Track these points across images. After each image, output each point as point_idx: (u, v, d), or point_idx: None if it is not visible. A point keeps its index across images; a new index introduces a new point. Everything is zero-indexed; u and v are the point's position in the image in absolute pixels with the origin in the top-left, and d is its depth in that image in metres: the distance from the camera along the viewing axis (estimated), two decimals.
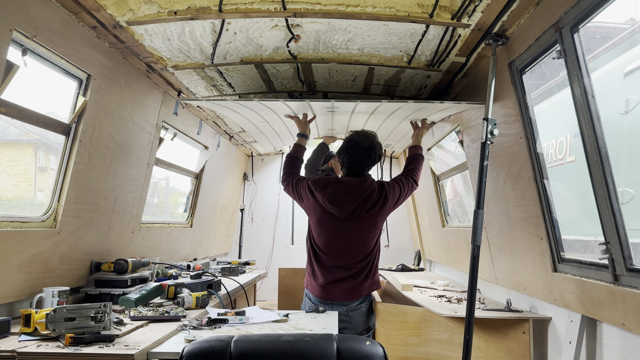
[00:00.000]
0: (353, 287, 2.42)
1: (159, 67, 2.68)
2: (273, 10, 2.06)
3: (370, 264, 2.49)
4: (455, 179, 4.18)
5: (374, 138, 2.48)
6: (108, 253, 2.78)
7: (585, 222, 2.54)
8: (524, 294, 2.65)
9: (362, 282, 2.44)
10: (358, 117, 3.36)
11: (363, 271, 2.45)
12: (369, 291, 2.49)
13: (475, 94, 2.72)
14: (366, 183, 2.43)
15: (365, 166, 2.45)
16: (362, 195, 2.38)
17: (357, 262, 2.44)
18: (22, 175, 3.69)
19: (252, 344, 1.29)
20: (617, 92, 2.52)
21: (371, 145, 2.44)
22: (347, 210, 2.38)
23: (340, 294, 2.42)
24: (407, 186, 2.56)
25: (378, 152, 2.47)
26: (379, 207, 2.43)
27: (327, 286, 2.43)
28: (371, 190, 2.41)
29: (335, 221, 2.42)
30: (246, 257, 5.64)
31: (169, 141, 3.47)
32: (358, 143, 2.43)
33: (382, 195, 2.43)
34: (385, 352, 1.28)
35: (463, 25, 2.12)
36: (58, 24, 1.98)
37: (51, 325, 1.70)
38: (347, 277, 2.42)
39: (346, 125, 3.79)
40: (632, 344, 1.79)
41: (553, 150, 3.17)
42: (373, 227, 2.46)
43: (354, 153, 2.42)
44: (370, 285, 2.48)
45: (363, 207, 2.39)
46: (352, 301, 2.43)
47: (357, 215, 2.40)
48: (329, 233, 2.45)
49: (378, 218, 2.46)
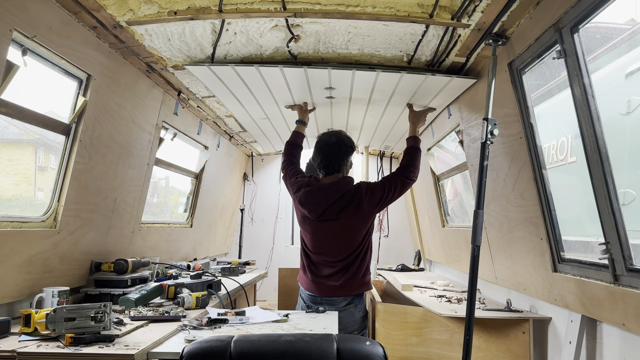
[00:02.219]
0: (339, 283, 2.45)
1: (159, 67, 2.68)
2: (273, 10, 2.06)
3: (357, 263, 2.47)
4: (455, 179, 4.18)
5: (340, 133, 2.58)
6: (108, 253, 2.78)
7: (587, 223, 2.54)
8: (524, 294, 2.65)
9: (348, 280, 2.45)
10: (356, 109, 3.36)
11: (349, 268, 2.45)
12: (358, 291, 2.48)
13: (475, 94, 2.72)
14: (339, 185, 2.45)
15: (338, 161, 2.50)
16: (332, 198, 2.41)
17: (341, 259, 2.45)
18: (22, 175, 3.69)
19: (252, 344, 1.29)
20: (618, 92, 2.52)
21: (338, 139, 2.53)
22: (316, 214, 2.44)
23: (327, 289, 2.47)
24: (395, 185, 2.50)
25: (348, 144, 2.54)
26: (352, 210, 2.42)
27: (316, 280, 2.50)
28: (343, 193, 2.42)
29: (313, 221, 2.48)
30: (246, 257, 5.64)
31: (169, 141, 3.47)
32: (326, 141, 2.53)
33: (354, 198, 2.42)
34: (385, 352, 1.28)
35: (463, 26, 2.12)
36: (58, 24, 1.98)
37: (51, 325, 1.70)
38: (332, 273, 2.46)
39: (345, 121, 3.79)
40: (632, 344, 1.79)
41: (554, 151, 3.17)
42: (349, 228, 2.45)
43: (324, 152, 2.50)
44: (360, 285, 2.48)
45: (333, 210, 2.42)
46: (339, 298, 2.45)
47: (328, 218, 2.43)
48: (311, 232, 2.53)
49: (354, 220, 2.44)
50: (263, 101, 3.18)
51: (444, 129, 3.55)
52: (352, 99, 3.11)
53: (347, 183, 2.48)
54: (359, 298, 2.52)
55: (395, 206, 5.80)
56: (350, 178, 2.54)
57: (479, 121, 2.63)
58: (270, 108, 3.36)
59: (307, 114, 3.10)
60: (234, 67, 2.52)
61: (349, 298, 2.47)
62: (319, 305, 2.44)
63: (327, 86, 2.81)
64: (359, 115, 3.57)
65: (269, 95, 3.02)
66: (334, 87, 2.84)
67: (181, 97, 3.25)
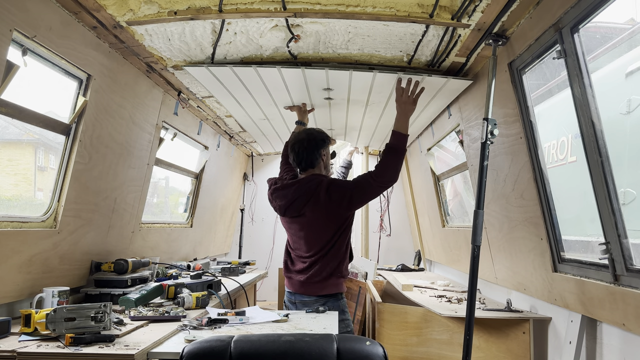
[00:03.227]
0: (304, 279, 2.47)
1: (159, 67, 2.68)
2: (273, 10, 2.06)
3: (324, 261, 2.44)
4: (455, 179, 4.18)
5: (312, 129, 2.62)
6: (108, 253, 2.78)
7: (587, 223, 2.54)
8: (524, 294, 2.65)
9: (312, 276, 2.44)
10: (355, 110, 3.36)
11: (314, 265, 2.45)
12: (327, 290, 2.45)
13: (475, 93, 2.72)
14: (302, 182, 2.46)
15: (310, 155, 2.51)
16: (294, 195, 2.45)
17: (311, 255, 2.47)
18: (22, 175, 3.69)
19: (252, 344, 1.29)
20: (619, 92, 2.52)
21: (308, 134, 2.56)
22: (281, 211, 2.53)
23: (295, 284, 2.52)
24: (361, 186, 2.40)
25: (319, 137, 2.55)
26: (312, 205, 2.40)
27: (288, 275, 2.57)
28: (305, 189, 2.43)
29: (284, 217, 2.57)
30: (246, 257, 5.64)
31: (169, 141, 3.47)
32: (296, 138, 2.57)
33: (314, 194, 2.40)
34: (385, 352, 1.28)
35: (463, 26, 2.12)
36: (58, 24, 1.98)
37: (51, 325, 1.70)
38: (302, 269, 2.50)
39: (344, 124, 3.80)
40: (632, 344, 1.79)
41: (554, 151, 3.16)
42: (314, 224, 2.44)
43: (295, 149, 2.54)
44: (322, 286, 2.44)
45: (296, 207, 2.45)
46: (310, 299, 2.45)
47: (294, 214, 2.48)
48: (287, 227, 2.61)
49: (317, 216, 2.41)
50: (262, 102, 3.18)
51: (444, 129, 3.55)
52: (351, 101, 3.12)
53: (311, 180, 2.45)
54: (333, 302, 2.44)
55: (395, 206, 5.81)
56: (317, 175, 2.49)
57: (479, 121, 2.63)
58: (269, 109, 3.36)
59: (306, 115, 3.11)
60: (232, 68, 2.53)
61: (321, 300, 2.44)
62: (294, 305, 2.49)
63: (325, 87, 2.82)
64: (358, 116, 3.57)
65: (268, 96, 3.03)
66: (332, 88, 2.84)
67: (181, 97, 3.25)
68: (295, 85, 2.79)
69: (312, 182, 2.45)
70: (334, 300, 2.47)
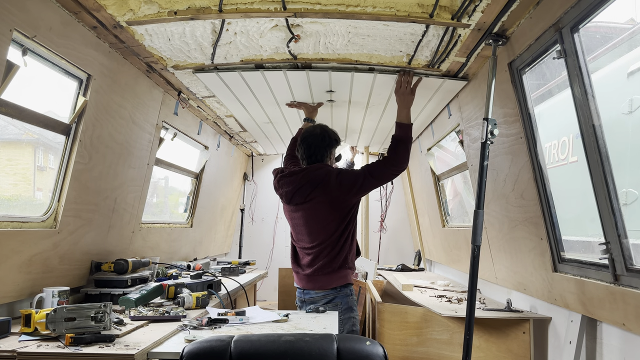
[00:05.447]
0: (310, 272, 2.44)
1: (159, 67, 2.68)
2: (273, 10, 2.06)
3: (331, 252, 2.42)
4: (455, 178, 4.18)
5: (326, 126, 2.59)
6: (108, 253, 2.78)
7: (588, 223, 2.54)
8: (524, 294, 2.65)
9: (320, 269, 2.42)
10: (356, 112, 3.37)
11: (320, 256, 2.42)
12: (336, 283, 2.42)
13: (475, 93, 2.72)
14: (309, 169, 2.45)
15: (321, 151, 2.51)
16: (301, 182, 2.43)
17: (315, 246, 2.45)
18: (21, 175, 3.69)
19: (252, 344, 1.29)
20: (620, 92, 2.52)
21: (323, 130, 2.55)
22: (287, 198, 2.50)
23: (303, 279, 2.50)
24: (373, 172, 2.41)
25: (333, 137, 2.55)
26: (320, 193, 2.39)
27: (296, 269, 2.57)
28: (312, 176, 2.41)
29: (289, 207, 2.54)
30: (246, 257, 5.65)
31: (169, 141, 3.47)
32: (311, 132, 2.55)
33: (322, 181, 2.39)
34: (385, 352, 1.28)
35: (463, 25, 2.11)
36: (58, 24, 1.97)
37: (51, 325, 1.70)
38: (308, 262, 2.47)
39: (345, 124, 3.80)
40: (632, 344, 1.79)
41: (555, 151, 3.16)
42: (320, 213, 2.43)
43: (307, 141, 2.52)
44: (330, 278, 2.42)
45: (302, 193, 2.43)
46: (318, 294, 2.43)
47: (299, 202, 2.46)
48: (290, 218, 2.58)
49: (324, 204, 2.40)
50: (266, 104, 3.19)
51: (444, 129, 3.55)
52: (352, 102, 3.12)
53: (319, 168, 2.45)
54: (342, 298, 2.43)
55: (395, 206, 5.81)
56: (324, 164, 2.50)
57: (479, 121, 2.63)
58: (273, 110, 3.37)
59: (315, 111, 3.08)
60: (240, 72, 2.56)
61: (330, 295, 2.42)
62: (304, 304, 2.47)
63: (328, 89, 2.82)
64: (358, 118, 3.59)
65: (272, 99, 3.04)
66: (334, 90, 2.85)
67: (181, 97, 3.25)
68: (299, 87, 2.80)
69: (320, 169, 2.44)
70: (343, 296, 2.43)
